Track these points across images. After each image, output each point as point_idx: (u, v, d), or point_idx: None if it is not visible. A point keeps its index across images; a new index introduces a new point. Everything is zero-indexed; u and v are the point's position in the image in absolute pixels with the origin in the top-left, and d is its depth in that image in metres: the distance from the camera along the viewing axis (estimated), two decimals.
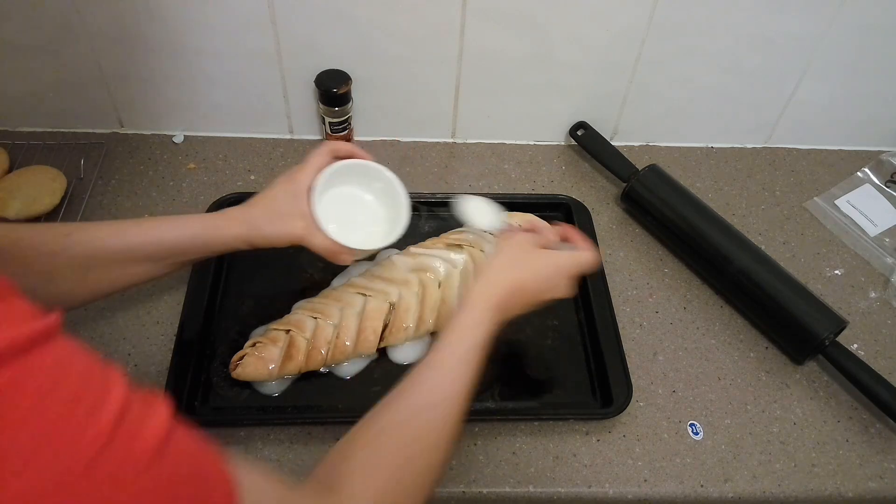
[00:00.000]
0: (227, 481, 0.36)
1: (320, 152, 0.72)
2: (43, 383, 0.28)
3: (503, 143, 1.05)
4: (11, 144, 0.96)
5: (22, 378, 0.28)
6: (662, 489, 0.71)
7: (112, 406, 0.30)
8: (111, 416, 0.30)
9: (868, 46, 0.95)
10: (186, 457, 0.34)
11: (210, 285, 0.82)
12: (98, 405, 0.30)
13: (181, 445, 0.34)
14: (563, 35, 0.92)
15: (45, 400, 0.28)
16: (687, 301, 0.87)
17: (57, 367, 0.30)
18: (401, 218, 0.74)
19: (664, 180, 0.93)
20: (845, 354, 0.78)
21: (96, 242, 0.63)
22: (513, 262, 0.66)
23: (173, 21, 0.88)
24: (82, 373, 0.31)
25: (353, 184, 0.76)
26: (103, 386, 0.31)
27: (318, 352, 0.74)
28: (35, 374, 0.28)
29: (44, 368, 0.29)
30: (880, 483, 0.73)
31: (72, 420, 0.29)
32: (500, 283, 0.64)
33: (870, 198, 1.00)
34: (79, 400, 0.29)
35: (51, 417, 0.28)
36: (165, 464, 0.32)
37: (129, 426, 0.30)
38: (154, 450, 0.31)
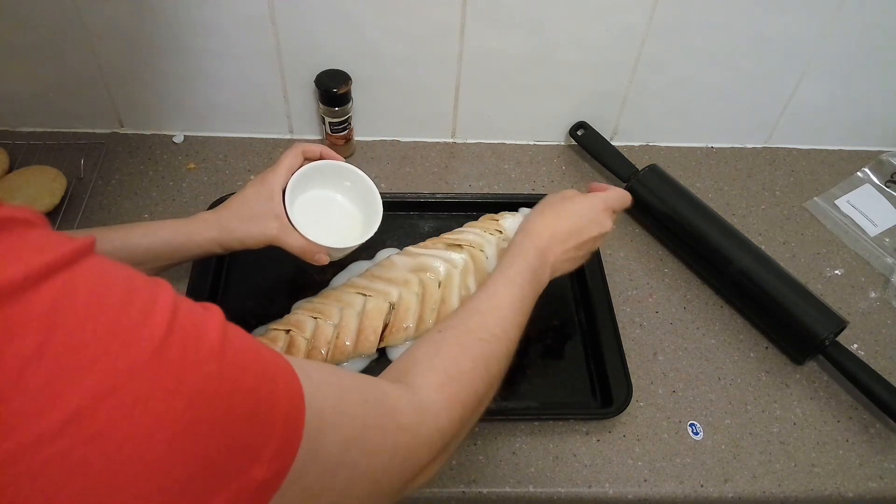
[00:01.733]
0: (287, 367, 0.37)
1: (291, 154, 0.72)
2: (93, 287, 0.30)
3: (503, 143, 1.05)
4: (11, 144, 0.96)
5: (73, 285, 0.29)
6: (662, 489, 0.71)
7: (164, 304, 0.31)
8: (166, 312, 0.31)
9: (868, 46, 0.95)
10: (246, 346, 0.35)
11: (210, 285, 0.82)
12: (150, 303, 0.31)
13: (239, 337, 0.35)
14: (563, 35, 0.92)
15: (98, 302, 0.29)
16: (687, 301, 0.87)
17: (104, 275, 0.31)
18: (375, 217, 0.75)
19: (664, 180, 0.93)
20: (845, 354, 0.78)
21: None
22: (543, 211, 0.72)
23: (173, 21, 0.88)
24: (128, 279, 0.32)
25: (326, 185, 0.76)
26: (151, 287, 0.32)
27: (318, 352, 0.74)
28: (84, 281, 0.29)
29: (91, 276, 0.30)
30: (880, 483, 0.73)
31: (129, 318, 0.30)
32: (535, 228, 0.69)
33: (870, 198, 1.00)
34: (131, 299, 0.30)
35: (108, 316, 0.29)
36: (227, 353, 0.33)
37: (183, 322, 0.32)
38: (213, 341, 0.32)
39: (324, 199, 0.77)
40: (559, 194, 0.74)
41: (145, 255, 0.67)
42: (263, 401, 0.34)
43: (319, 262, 0.72)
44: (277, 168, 0.71)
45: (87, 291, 0.29)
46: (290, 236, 0.69)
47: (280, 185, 0.70)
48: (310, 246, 0.70)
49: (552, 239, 0.68)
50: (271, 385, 0.35)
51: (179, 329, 0.31)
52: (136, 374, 0.29)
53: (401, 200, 0.93)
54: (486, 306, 0.61)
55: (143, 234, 0.67)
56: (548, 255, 0.68)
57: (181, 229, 0.68)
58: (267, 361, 0.36)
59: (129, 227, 0.68)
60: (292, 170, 0.72)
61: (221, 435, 0.31)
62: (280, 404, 0.35)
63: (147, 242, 0.66)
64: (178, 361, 0.30)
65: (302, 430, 0.36)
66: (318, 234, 0.70)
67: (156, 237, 0.67)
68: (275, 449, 0.34)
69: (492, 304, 0.61)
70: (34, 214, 0.32)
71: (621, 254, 0.92)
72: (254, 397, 0.33)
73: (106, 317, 0.29)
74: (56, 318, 0.28)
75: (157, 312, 0.31)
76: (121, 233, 0.67)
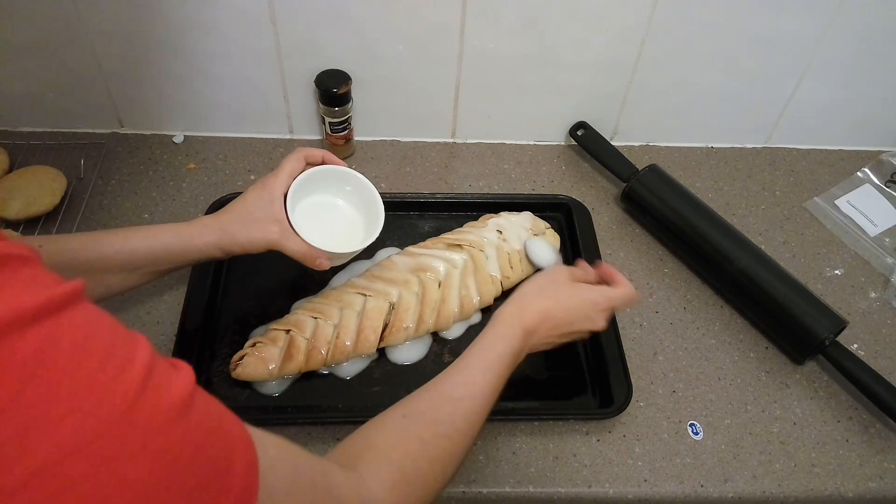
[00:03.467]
0: (247, 439, 0.37)
1: (293, 158, 0.72)
2: (77, 340, 0.30)
3: (503, 143, 1.05)
4: (11, 144, 0.96)
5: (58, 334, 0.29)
6: (662, 489, 0.71)
7: (140, 363, 0.32)
8: (140, 372, 0.31)
9: (868, 46, 0.95)
10: (210, 414, 0.35)
11: (210, 285, 0.82)
12: (128, 361, 0.31)
13: (204, 404, 0.35)
14: (563, 35, 0.92)
15: (79, 355, 0.30)
16: (687, 301, 0.87)
17: (88, 326, 0.31)
18: (376, 222, 0.74)
19: (664, 180, 0.93)
20: (845, 354, 0.78)
21: (67, 255, 0.62)
22: (543, 290, 0.69)
23: (173, 21, 0.88)
24: (111, 332, 0.32)
25: (327, 189, 0.76)
26: (130, 345, 0.32)
27: (318, 352, 0.74)
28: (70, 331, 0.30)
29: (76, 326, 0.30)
30: (880, 483, 0.73)
31: (105, 373, 0.30)
32: (530, 307, 0.66)
33: (870, 198, 1.00)
34: (110, 356, 0.31)
35: (86, 371, 0.29)
36: (191, 418, 0.33)
37: (156, 381, 0.32)
38: (180, 404, 0.32)
39: (326, 204, 0.76)
40: (565, 272, 0.71)
41: (145, 259, 0.66)
42: (221, 469, 0.34)
43: (321, 267, 0.71)
44: (279, 172, 0.70)
45: (69, 343, 0.29)
46: (291, 241, 0.69)
47: (281, 190, 0.69)
48: (311, 251, 0.69)
49: (542, 323, 0.66)
50: (230, 454, 0.35)
51: (151, 388, 0.31)
52: (104, 434, 0.29)
53: (401, 200, 0.93)
54: (459, 394, 0.58)
55: (143, 238, 0.66)
56: (532, 336, 0.66)
57: (182, 233, 0.68)
58: (228, 431, 0.36)
59: (128, 231, 0.67)
60: (294, 174, 0.71)
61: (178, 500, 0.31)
62: (236, 473, 0.35)
63: (147, 246, 0.66)
64: (146, 423, 0.30)
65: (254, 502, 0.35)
66: (319, 239, 0.69)
67: (156, 241, 0.67)
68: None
69: (465, 391, 0.58)
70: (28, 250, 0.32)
71: (621, 254, 0.92)
72: (213, 466, 0.33)
73: (84, 370, 0.29)
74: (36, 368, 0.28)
75: (134, 370, 0.31)
76: (120, 236, 0.66)
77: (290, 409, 0.74)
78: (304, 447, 0.41)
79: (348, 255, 0.74)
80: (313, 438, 0.72)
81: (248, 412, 0.73)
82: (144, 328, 0.80)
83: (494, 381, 0.60)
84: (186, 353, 0.75)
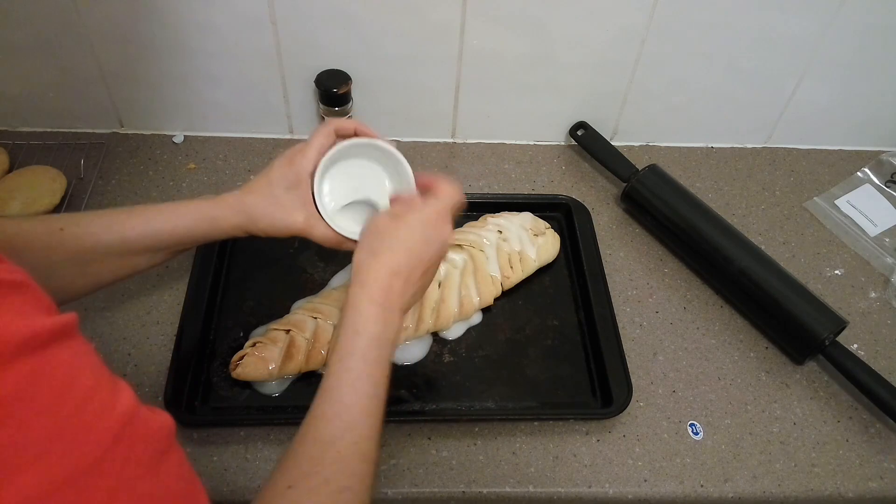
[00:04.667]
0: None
1: (322, 132, 0.65)
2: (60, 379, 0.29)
3: (503, 143, 1.05)
4: (11, 144, 0.95)
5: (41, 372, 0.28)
6: (662, 489, 0.71)
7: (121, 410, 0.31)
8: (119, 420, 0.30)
9: (868, 46, 0.95)
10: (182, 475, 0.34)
11: (210, 285, 0.81)
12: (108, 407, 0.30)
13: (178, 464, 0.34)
14: (563, 35, 0.92)
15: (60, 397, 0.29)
16: (687, 301, 0.87)
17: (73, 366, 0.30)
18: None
19: (664, 180, 0.93)
20: (845, 354, 0.78)
21: (89, 238, 0.60)
22: (372, 247, 0.59)
23: (173, 21, 0.88)
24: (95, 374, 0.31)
25: (358, 165, 0.68)
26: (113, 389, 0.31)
27: (318, 352, 0.74)
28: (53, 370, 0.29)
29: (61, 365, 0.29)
30: (880, 483, 0.73)
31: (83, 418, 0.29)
32: (369, 276, 0.58)
33: (870, 198, 1.00)
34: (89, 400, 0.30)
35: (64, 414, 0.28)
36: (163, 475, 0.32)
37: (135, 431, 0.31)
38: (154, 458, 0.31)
39: (355, 181, 0.69)
40: (385, 217, 0.62)
41: (168, 241, 0.64)
42: None
43: (349, 249, 0.65)
44: (307, 149, 0.64)
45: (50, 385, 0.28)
46: (317, 228, 0.64)
47: (308, 170, 0.64)
48: (338, 238, 0.65)
49: (391, 279, 0.57)
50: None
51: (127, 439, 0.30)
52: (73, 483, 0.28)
53: None
54: (339, 431, 0.50)
55: (166, 220, 0.63)
56: (391, 302, 0.57)
57: (206, 215, 0.64)
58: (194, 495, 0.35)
59: (152, 212, 0.64)
60: (323, 150, 0.64)
61: None
62: None
63: (170, 228, 0.63)
64: (117, 475, 0.30)
65: None
66: (346, 225, 0.65)
67: (179, 223, 0.63)
68: None
69: (343, 423, 0.51)
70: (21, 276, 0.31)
71: (621, 254, 0.92)
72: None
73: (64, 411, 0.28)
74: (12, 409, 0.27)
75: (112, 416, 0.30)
76: (143, 218, 0.63)
77: (290, 409, 0.74)
78: None
79: None
80: None
81: (248, 412, 0.74)
82: (144, 328, 0.80)
83: (370, 387, 0.53)
84: (186, 353, 0.75)
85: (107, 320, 0.80)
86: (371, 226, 0.61)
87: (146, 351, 0.78)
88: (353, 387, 0.53)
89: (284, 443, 0.72)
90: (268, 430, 0.72)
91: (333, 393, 0.52)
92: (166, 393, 0.72)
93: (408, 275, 0.59)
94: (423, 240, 0.60)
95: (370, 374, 0.54)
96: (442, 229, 0.61)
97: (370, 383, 0.53)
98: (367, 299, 0.56)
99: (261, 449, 0.71)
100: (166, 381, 0.73)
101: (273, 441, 0.72)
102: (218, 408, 0.74)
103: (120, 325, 0.80)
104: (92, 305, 0.80)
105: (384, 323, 0.56)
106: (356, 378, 0.53)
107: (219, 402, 0.74)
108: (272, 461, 0.70)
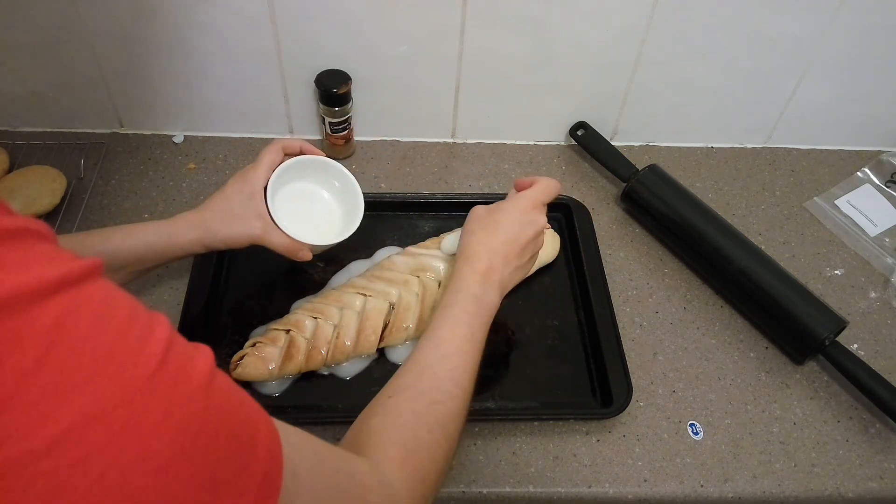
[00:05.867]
0: (269, 421, 0.37)
1: (272, 150, 0.72)
2: (97, 310, 0.30)
3: (503, 143, 1.05)
4: (11, 144, 0.95)
5: (78, 304, 0.29)
6: (662, 489, 0.71)
7: (160, 336, 0.31)
8: (161, 344, 0.31)
9: (868, 46, 0.95)
10: (232, 394, 0.35)
11: (210, 285, 0.82)
12: (149, 333, 0.31)
13: (226, 384, 0.35)
14: (563, 35, 0.92)
15: (100, 324, 0.29)
16: (687, 301, 0.87)
17: (108, 297, 0.31)
18: (357, 211, 0.76)
19: (664, 180, 0.93)
20: (845, 354, 0.78)
21: None
22: (475, 229, 0.69)
23: (173, 21, 0.88)
24: (130, 306, 0.32)
25: (307, 179, 0.77)
26: (150, 319, 0.32)
27: (318, 352, 0.74)
28: (89, 302, 0.30)
29: (96, 298, 0.30)
30: (880, 483, 0.73)
31: (126, 343, 0.30)
32: (472, 253, 0.66)
33: (870, 198, 1.00)
34: (130, 327, 0.31)
35: (107, 339, 0.29)
36: (214, 394, 0.33)
37: (177, 355, 0.32)
38: (202, 380, 0.32)
39: (305, 194, 0.77)
40: (485, 207, 0.71)
41: (127, 259, 0.66)
42: (245, 446, 0.34)
43: (303, 259, 0.72)
44: (258, 165, 0.71)
45: (90, 312, 0.29)
46: (274, 235, 0.69)
47: (261, 183, 0.70)
48: (293, 244, 0.70)
49: (492, 257, 0.66)
50: (253, 432, 0.35)
51: (173, 361, 0.31)
52: (127, 401, 0.29)
53: (401, 200, 0.93)
54: (435, 358, 0.58)
55: (125, 238, 0.66)
56: (492, 275, 0.65)
57: (164, 232, 0.68)
58: (251, 410, 0.36)
59: (110, 231, 0.67)
60: (273, 166, 0.71)
61: (202, 474, 0.31)
62: (260, 452, 0.35)
63: (128, 246, 0.66)
64: (168, 393, 0.30)
65: (280, 483, 0.35)
66: (301, 232, 0.70)
67: (137, 240, 0.66)
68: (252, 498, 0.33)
69: (440, 353, 0.59)
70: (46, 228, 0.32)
71: (621, 254, 0.92)
72: (236, 441, 0.33)
73: (105, 338, 0.29)
74: (58, 335, 0.28)
75: (154, 342, 0.31)
76: (101, 237, 0.66)
77: (290, 409, 0.74)
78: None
79: (331, 245, 0.75)
80: None
81: None
82: None
83: (467, 332, 0.60)
84: None
85: None
86: (471, 218, 0.71)
87: None
88: (452, 328, 0.60)
89: None
90: None
91: (435, 332, 0.60)
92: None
93: (506, 254, 0.67)
94: (518, 227, 0.68)
95: (468, 323, 0.61)
96: (536, 216, 0.70)
97: (467, 329, 0.61)
98: (469, 269, 0.65)
99: None
100: None
101: None
102: None
103: None
104: None
105: (483, 288, 0.64)
106: (455, 323, 0.61)
107: None
108: None
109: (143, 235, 0.67)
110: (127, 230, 0.67)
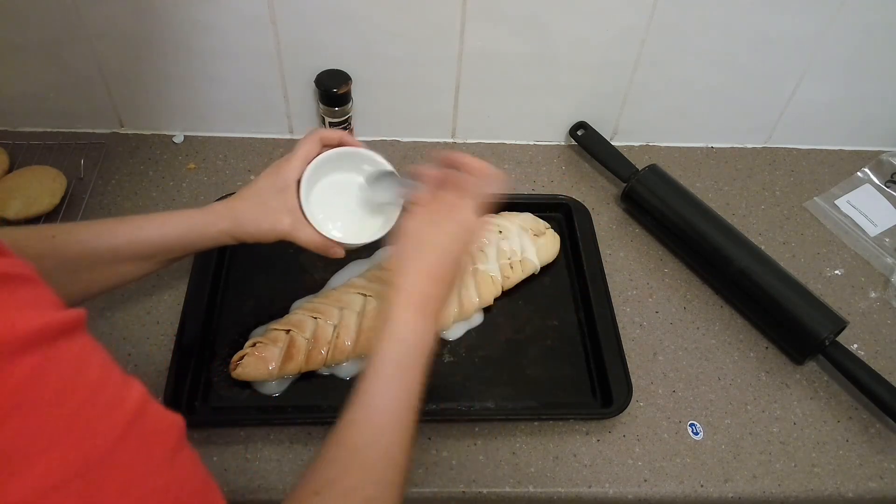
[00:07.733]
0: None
1: (308, 141, 0.68)
2: (69, 372, 0.29)
3: (503, 143, 1.05)
4: (11, 144, 0.95)
5: (50, 365, 0.28)
6: (662, 489, 0.71)
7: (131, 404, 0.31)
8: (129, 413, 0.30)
9: (868, 46, 0.95)
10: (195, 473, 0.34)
11: (210, 285, 0.82)
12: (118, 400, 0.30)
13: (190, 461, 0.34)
14: (563, 35, 0.92)
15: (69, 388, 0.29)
16: (687, 301, 0.87)
17: (81, 359, 0.30)
18: (395, 208, 0.69)
19: (664, 180, 0.93)
20: (845, 354, 0.78)
21: (80, 245, 0.61)
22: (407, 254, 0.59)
23: (173, 21, 0.88)
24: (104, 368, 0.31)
25: (343, 172, 0.71)
26: (123, 384, 0.31)
27: (318, 352, 0.74)
28: (62, 363, 0.29)
29: (70, 358, 0.29)
30: (880, 483, 0.73)
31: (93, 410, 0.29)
32: (407, 281, 0.57)
33: (870, 198, 1.00)
34: (97, 393, 0.30)
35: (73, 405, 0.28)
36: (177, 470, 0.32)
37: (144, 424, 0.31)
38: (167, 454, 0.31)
39: (341, 188, 0.71)
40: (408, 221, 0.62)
41: (158, 249, 0.65)
42: None
43: (335, 256, 0.68)
44: (293, 157, 0.66)
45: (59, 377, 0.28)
46: (303, 231, 0.65)
47: (294, 176, 0.66)
48: (324, 241, 0.66)
49: (427, 283, 0.58)
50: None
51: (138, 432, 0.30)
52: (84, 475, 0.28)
53: None
54: (368, 438, 0.50)
55: (156, 228, 0.64)
56: (426, 306, 0.57)
57: (194, 223, 0.66)
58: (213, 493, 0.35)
59: (141, 221, 0.65)
60: (309, 158, 0.67)
61: None
62: None
63: (160, 235, 0.64)
64: (129, 468, 0.29)
65: None
66: (332, 229, 0.67)
67: (169, 231, 0.65)
68: None
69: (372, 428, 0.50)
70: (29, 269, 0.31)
71: (621, 254, 0.92)
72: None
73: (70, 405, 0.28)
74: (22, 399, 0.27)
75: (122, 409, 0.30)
76: (132, 226, 0.64)
77: (290, 409, 0.74)
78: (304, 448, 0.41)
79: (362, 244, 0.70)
80: (313, 438, 0.72)
81: (248, 412, 0.74)
82: (144, 328, 0.80)
83: (404, 395, 0.52)
84: (186, 353, 0.75)
85: (107, 320, 0.80)
86: (401, 233, 0.61)
87: (146, 351, 0.78)
88: (387, 392, 0.52)
89: (284, 443, 0.72)
90: (268, 430, 0.72)
91: (365, 398, 0.52)
92: (166, 393, 0.72)
93: (442, 276, 0.59)
94: (454, 241, 0.60)
95: (406, 383, 0.53)
96: (470, 225, 0.61)
97: (403, 389, 0.53)
98: (404, 303, 0.56)
99: (261, 449, 0.71)
100: (166, 381, 0.73)
101: (273, 441, 0.72)
102: (218, 408, 0.74)
103: (120, 325, 0.80)
104: (92, 305, 0.80)
105: (423, 327, 0.56)
106: (389, 383, 0.53)
107: (219, 401, 0.74)
108: (272, 461, 0.70)
109: (174, 227, 0.65)
110: (158, 220, 0.65)
